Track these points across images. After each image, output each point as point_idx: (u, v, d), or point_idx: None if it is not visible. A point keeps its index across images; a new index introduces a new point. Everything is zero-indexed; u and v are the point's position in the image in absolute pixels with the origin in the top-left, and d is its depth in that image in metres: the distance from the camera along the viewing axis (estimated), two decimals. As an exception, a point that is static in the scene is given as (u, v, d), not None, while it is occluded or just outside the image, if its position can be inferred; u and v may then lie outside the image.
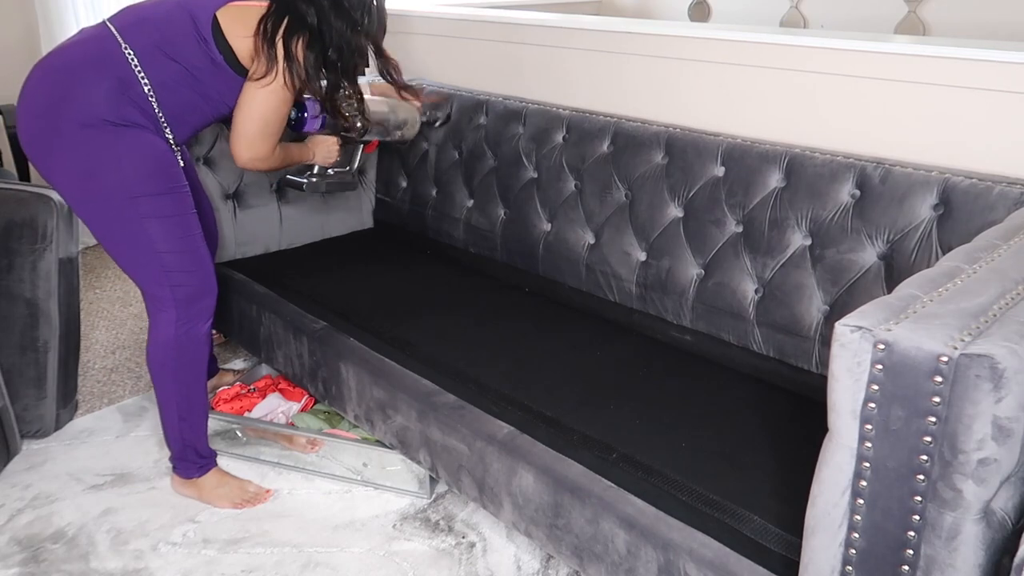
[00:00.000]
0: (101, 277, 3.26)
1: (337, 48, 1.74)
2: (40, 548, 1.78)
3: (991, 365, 0.86)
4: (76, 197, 1.72)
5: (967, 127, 1.62)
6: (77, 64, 1.68)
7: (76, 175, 1.68)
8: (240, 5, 1.72)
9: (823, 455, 1.02)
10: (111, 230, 1.74)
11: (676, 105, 2.06)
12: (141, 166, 1.68)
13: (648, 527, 1.31)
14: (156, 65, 1.69)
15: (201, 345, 1.85)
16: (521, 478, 1.51)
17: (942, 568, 0.95)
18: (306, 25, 1.69)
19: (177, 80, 1.72)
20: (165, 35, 1.71)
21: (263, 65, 1.69)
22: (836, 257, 1.67)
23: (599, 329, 1.92)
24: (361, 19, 1.77)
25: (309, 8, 1.69)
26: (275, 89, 1.71)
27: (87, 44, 1.71)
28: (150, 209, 1.70)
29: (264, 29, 1.69)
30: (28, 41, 3.33)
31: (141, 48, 1.69)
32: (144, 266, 1.76)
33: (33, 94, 1.71)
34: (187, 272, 1.78)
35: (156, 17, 1.73)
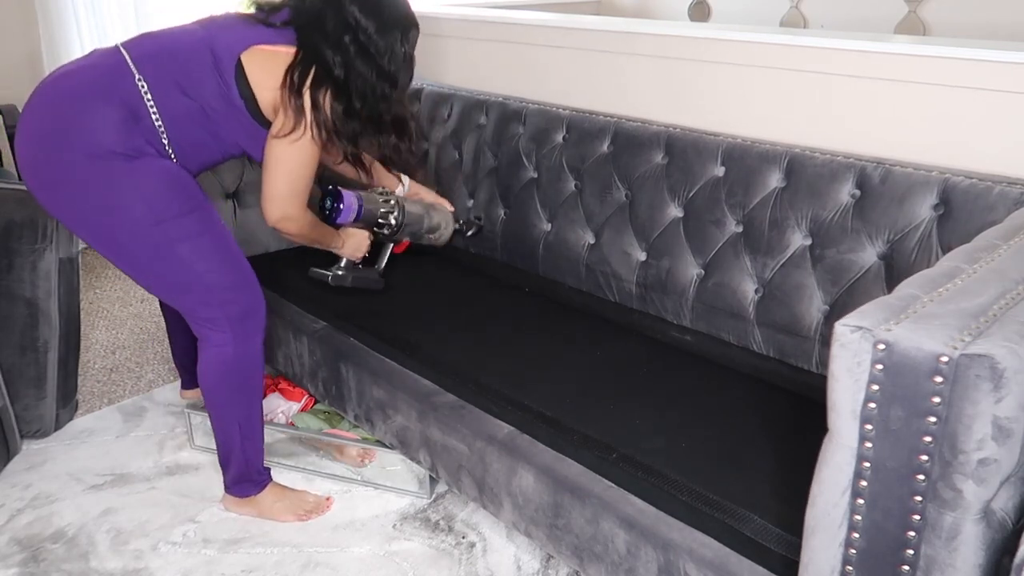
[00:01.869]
0: (101, 277, 3.26)
1: (361, 95, 1.66)
2: (40, 548, 1.78)
3: (991, 365, 0.86)
4: (96, 234, 1.64)
5: (967, 127, 1.62)
6: (86, 92, 1.59)
7: (92, 211, 1.61)
8: (266, 50, 1.64)
9: (823, 455, 1.02)
10: (144, 263, 1.66)
11: (676, 105, 2.06)
12: (159, 191, 1.61)
13: (648, 527, 1.31)
14: (170, 100, 1.62)
15: (259, 359, 1.79)
16: (521, 478, 1.51)
17: (942, 568, 0.95)
18: (332, 76, 1.62)
19: (190, 117, 1.64)
20: (183, 70, 1.63)
21: (291, 119, 1.61)
22: (836, 257, 1.67)
23: (599, 329, 1.92)
24: (388, 65, 1.68)
25: (336, 55, 1.62)
26: (303, 144, 1.64)
27: (98, 71, 1.62)
28: (178, 232, 1.62)
29: (291, 81, 1.61)
30: (28, 42, 3.33)
31: (155, 80, 1.61)
32: (189, 291, 1.69)
33: (36, 119, 1.62)
34: (233, 287, 1.71)
35: (175, 50, 1.65)
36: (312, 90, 1.61)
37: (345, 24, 1.63)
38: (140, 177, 1.59)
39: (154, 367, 2.56)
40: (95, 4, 3.34)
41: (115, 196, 1.58)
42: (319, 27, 1.63)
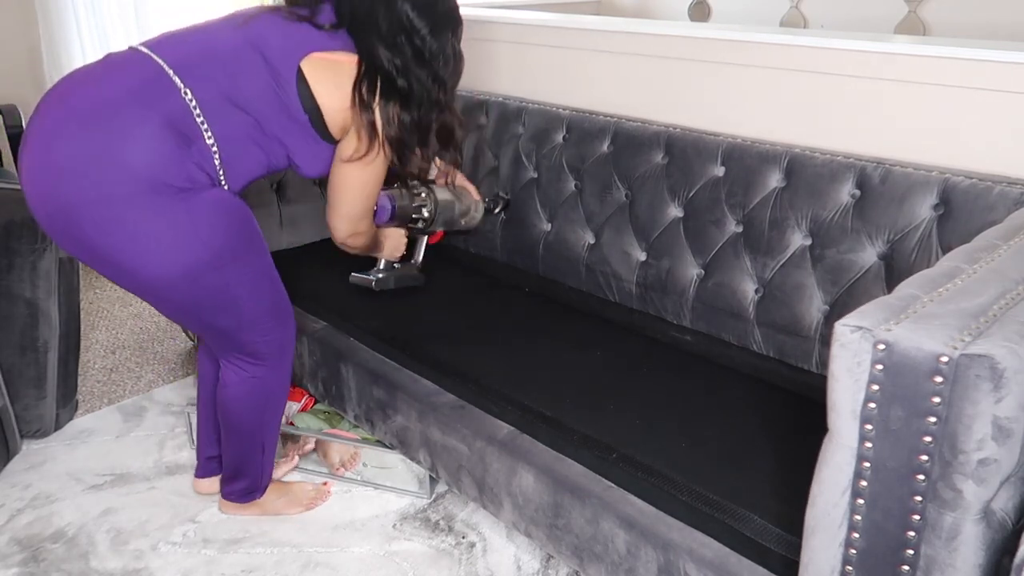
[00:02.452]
0: (101, 277, 3.26)
1: (419, 103, 1.54)
2: (40, 548, 1.78)
3: (991, 365, 0.86)
4: (146, 279, 1.43)
5: (967, 127, 1.62)
6: (124, 109, 1.35)
7: (137, 256, 1.39)
8: (327, 59, 1.48)
9: (823, 455, 1.02)
10: (200, 304, 1.49)
11: (676, 105, 2.05)
12: (219, 230, 1.43)
13: (648, 527, 1.31)
14: (221, 115, 1.42)
15: (288, 382, 1.74)
16: (521, 478, 1.51)
17: (942, 568, 0.95)
18: (397, 87, 1.50)
19: (244, 133, 1.45)
20: (233, 79, 1.43)
21: (365, 141, 1.50)
22: (836, 257, 1.67)
23: (599, 329, 1.92)
24: (441, 69, 1.57)
25: (394, 59, 1.50)
26: (378, 163, 1.55)
27: (133, 82, 1.38)
28: (235, 274, 1.48)
29: (360, 98, 1.48)
30: (28, 42, 3.33)
31: (204, 93, 1.40)
32: (239, 329, 1.56)
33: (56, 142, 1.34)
34: (276, 322, 1.61)
35: (218, 55, 1.45)
36: (381, 104, 1.49)
37: (399, 24, 1.50)
38: (201, 212, 1.40)
39: (154, 367, 2.56)
40: (95, 4, 3.34)
41: (170, 240, 1.38)
42: (374, 29, 1.50)
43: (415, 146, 1.60)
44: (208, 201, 1.42)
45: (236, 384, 1.66)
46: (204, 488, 1.93)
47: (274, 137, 1.49)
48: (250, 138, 1.47)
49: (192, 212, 1.39)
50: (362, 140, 1.51)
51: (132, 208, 1.35)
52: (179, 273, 1.42)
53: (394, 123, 1.51)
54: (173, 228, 1.39)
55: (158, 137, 1.35)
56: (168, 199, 1.36)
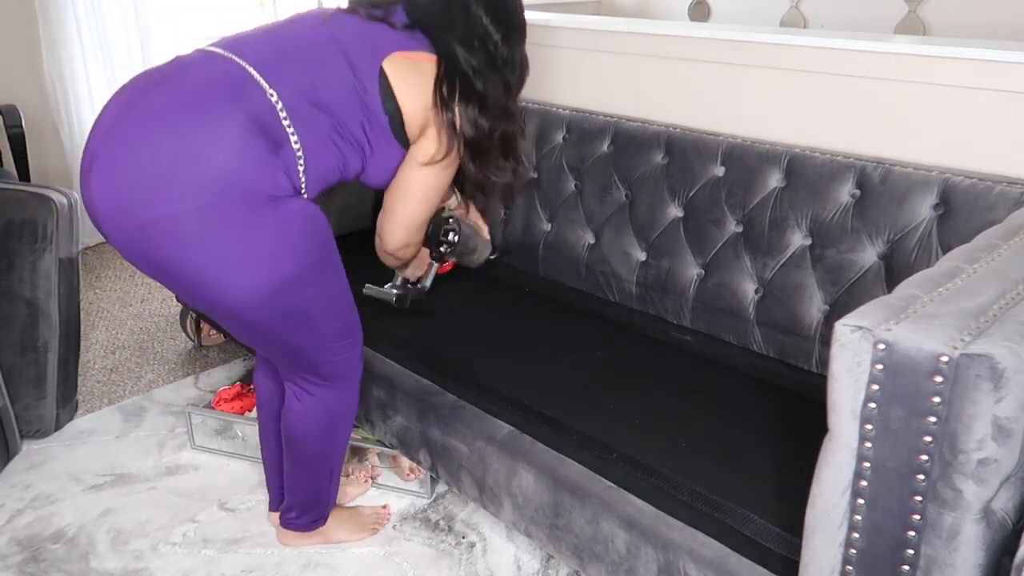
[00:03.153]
0: (101, 277, 3.26)
1: (492, 109, 1.47)
2: (40, 548, 1.78)
3: (991, 365, 0.86)
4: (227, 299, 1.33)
5: (967, 127, 1.62)
6: (210, 110, 1.26)
7: (227, 272, 1.29)
8: (408, 57, 1.42)
9: (823, 455, 1.02)
10: (274, 325, 1.40)
11: (676, 105, 2.06)
12: (304, 245, 1.35)
13: (648, 527, 1.31)
14: (304, 116, 1.33)
15: (357, 404, 1.66)
16: (521, 478, 1.51)
17: (942, 568, 0.95)
18: (474, 88, 1.44)
19: (325, 138, 1.37)
20: (316, 78, 1.36)
21: (445, 142, 1.43)
22: (836, 257, 1.67)
23: (599, 329, 1.92)
24: (511, 77, 1.51)
25: (471, 60, 1.44)
26: (449, 170, 1.48)
27: (215, 82, 1.29)
28: (320, 288, 1.40)
29: (441, 96, 1.41)
30: (28, 42, 3.33)
31: (288, 96, 1.32)
32: (312, 351, 1.48)
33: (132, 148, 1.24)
34: (349, 343, 1.53)
35: (301, 53, 1.37)
36: (461, 105, 1.43)
37: (474, 29, 1.46)
38: (289, 225, 1.32)
39: (154, 367, 2.56)
40: (95, 4, 3.34)
41: (259, 255, 1.29)
42: (451, 30, 1.45)
43: (494, 151, 1.54)
44: (295, 212, 1.33)
45: (304, 407, 1.57)
46: (280, 532, 1.80)
47: (353, 141, 1.42)
48: (331, 141, 1.39)
49: (281, 224, 1.31)
50: (442, 141, 1.45)
51: (222, 219, 1.25)
52: (266, 291, 1.32)
53: (473, 125, 1.45)
54: (263, 242, 1.29)
55: (248, 140, 1.26)
56: (258, 209, 1.27)
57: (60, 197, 2.03)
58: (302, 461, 1.65)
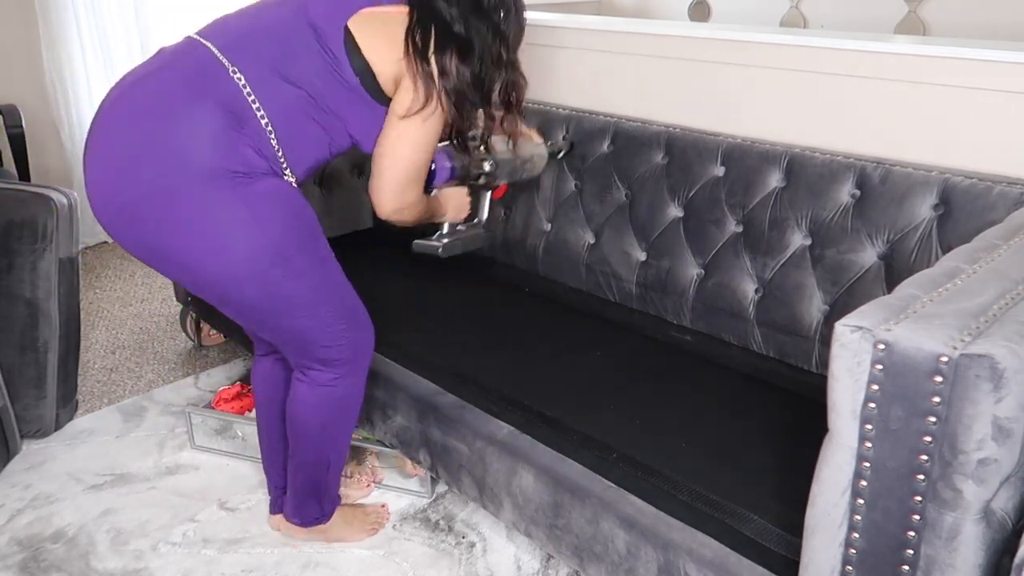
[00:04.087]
0: (101, 277, 3.26)
1: (480, 57, 1.42)
2: (40, 548, 1.78)
3: (991, 365, 0.86)
4: (207, 276, 1.36)
5: (967, 127, 1.62)
6: (174, 97, 1.30)
7: (195, 249, 1.33)
8: (375, 12, 1.39)
9: (823, 455, 1.02)
10: (263, 304, 1.41)
11: (676, 105, 2.06)
12: (280, 219, 1.35)
13: (648, 527, 1.31)
14: (272, 91, 1.34)
15: (362, 393, 1.63)
16: (521, 478, 1.51)
17: (942, 568, 0.95)
18: (454, 34, 1.38)
19: (298, 109, 1.37)
20: (282, 52, 1.36)
21: (421, 93, 1.38)
22: (836, 257, 1.67)
23: (599, 329, 1.92)
24: (502, 21, 1.46)
25: (449, 8, 1.39)
26: (434, 120, 1.42)
27: (182, 69, 1.34)
28: (301, 266, 1.39)
29: (414, 45, 1.37)
30: (28, 42, 3.33)
31: (253, 71, 1.33)
32: (308, 332, 1.46)
33: (113, 138, 1.32)
34: (349, 322, 1.51)
35: (266, 29, 1.39)
36: (438, 54, 1.37)
37: None
38: (258, 202, 1.33)
39: (154, 367, 2.56)
40: (95, 4, 3.34)
41: (230, 227, 1.32)
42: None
43: (477, 104, 1.47)
44: (267, 190, 1.34)
45: (307, 394, 1.56)
46: (282, 525, 1.79)
47: (330, 111, 1.40)
48: (306, 114, 1.38)
49: (250, 200, 1.31)
50: (418, 91, 1.38)
51: (190, 197, 1.29)
52: (241, 266, 1.34)
53: (452, 74, 1.38)
54: (232, 217, 1.31)
55: (210, 120, 1.29)
56: (225, 186, 1.29)
57: (60, 197, 2.03)
58: (302, 450, 1.63)
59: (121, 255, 3.50)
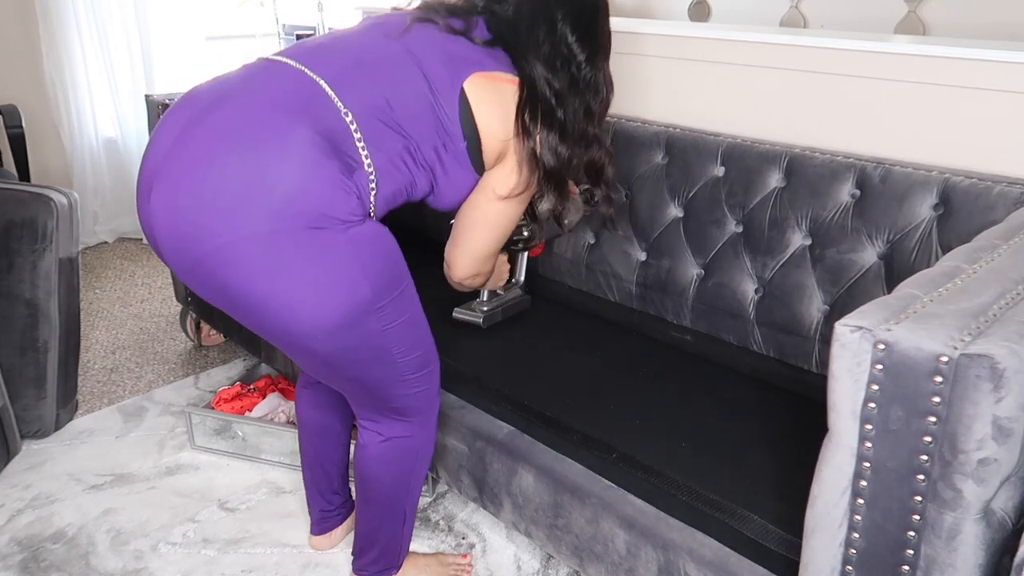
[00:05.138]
0: (101, 277, 3.26)
1: (571, 135, 1.36)
2: (40, 548, 1.78)
3: (991, 365, 0.86)
4: (303, 333, 1.22)
5: (967, 127, 1.62)
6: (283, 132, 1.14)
7: (290, 297, 1.18)
8: (491, 79, 1.30)
9: (823, 455, 1.02)
10: (347, 356, 1.28)
11: (676, 105, 2.06)
12: (378, 267, 1.24)
13: (648, 527, 1.31)
14: (378, 138, 1.23)
15: (434, 439, 1.52)
16: (521, 478, 1.51)
17: (942, 568, 0.95)
18: (555, 115, 1.33)
19: (398, 160, 1.26)
20: (392, 96, 1.24)
21: (524, 175, 1.33)
22: (836, 257, 1.67)
23: (599, 329, 1.92)
24: (592, 100, 1.40)
25: (553, 83, 1.32)
26: (525, 199, 1.37)
27: (287, 102, 1.18)
28: (395, 314, 1.28)
29: (523, 124, 1.30)
30: (28, 42, 3.33)
31: (363, 113, 1.21)
32: (386, 384, 1.35)
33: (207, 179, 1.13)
34: (427, 371, 1.40)
35: (375, 69, 1.26)
36: (543, 133, 1.32)
37: (558, 49, 1.34)
38: (362, 250, 1.21)
39: (154, 367, 2.57)
40: (95, 4, 3.34)
41: (331, 280, 1.19)
42: (535, 50, 1.33)
43: (565, 183, 1.43)
44: (368, 234, 1.22)
45: (379, 445, 1.44)
46: (323, 545, 1.76)
47: (424, 163, 1.30)
48: (402, 162, 1.27)
49: (355, 245, 1.20)
50: (523, 173, 1.33)
51: (292, 245, 1.15)
52: (338, 319, 1.21)
53: (553, 153, 1.34)
54: (334, 267, 1.19)
55: (321, 161, 1.15)
56: (330, 235, 1.17)
57: (60, 197, 2.03)
58: (375, 502, 1.50)
59: (121, 255, 3.51)
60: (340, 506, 1.75)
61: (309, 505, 1.75)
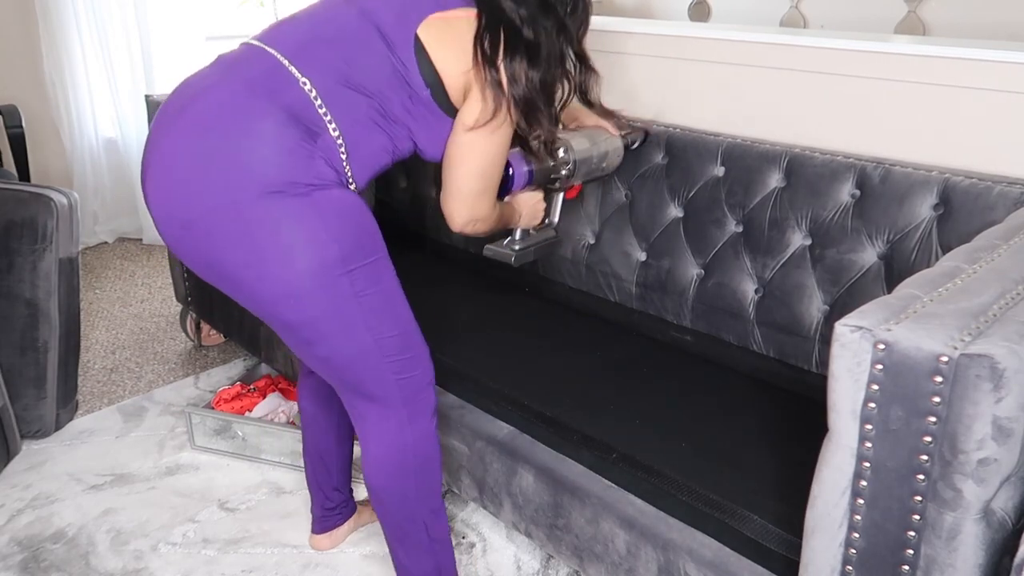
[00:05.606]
0: (101, 277, 3.26)
1: (546, 58, 1.34)
2: (40, 548, 1.78)
3: (991, 365, 0.86)
4: (270, 291, 1.26)
5: (967, 127, 1.62)
6: (244, 107, 1.22)
7: (260, 262, 1.23)
8: (444, 18, 1.31)
9: (823, 455, 1.02)
10: (320, 325, 1.29)
11: (676, 105, 2.05)
12: (345, 232, 1.26)
13: (648, 527, 1.31)
14: (341, 102, 1.27)
15: (436, 442, 1.46)
16: (521, 478, 1.51)
17: (942, 568, 0.95)
18: (523, 37, 1.30)
19: (366, 119, 1.30)
20: (350, 59, 1.28)
21: (490, 103, 1.31)
22: (836, 257, 1.67)
23: (599, 329, 1.92)
24: (567, 16, 1.37)
25: (518, 8, 1.31)
26: (501, 131, 1.35)
27: (249, 79, 1.25)
28: (365, 282, 1.29)
29: (483, 53, 1.29)
30: (28, 42, 3.33)
31: (322, 81, 1.26)
32: (364, 361, 1.34)
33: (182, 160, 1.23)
34: (409, 355, 1.38)
35: (333, 36, 1.30)
36: (506, 60, 1.29)
37: None
38: (324, 213, 1.24)
39: (154, 367, 2.57)
40: (95, 4, 3.34)
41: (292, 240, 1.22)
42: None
43: (544, 108, 1.39)
44: (336, 198, 1.26)
45: (376, 453, 1.42)
46: (324, 544, 1.77)
47: (397, 119, 1.33)
48: (373, 123, 1.31)
49: (319, 207, 1.23)
50: (487, 102, 1.31)
51: (259, 212, 1.20)
52: (306, 277, 1.24)
53: (521, 81, 1.31)
54: (301, 230, 1.22)
55: (282, 132, 1.21)
56: (289, 198, 1.21)
57: (60, 197, 2.03)
58: (393, 521, 1.46)
59: (121, 255, 3.51)
60: (341, 504, 1.75)
61: (313, 504, 1.75)
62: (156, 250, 3.55)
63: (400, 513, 1.46)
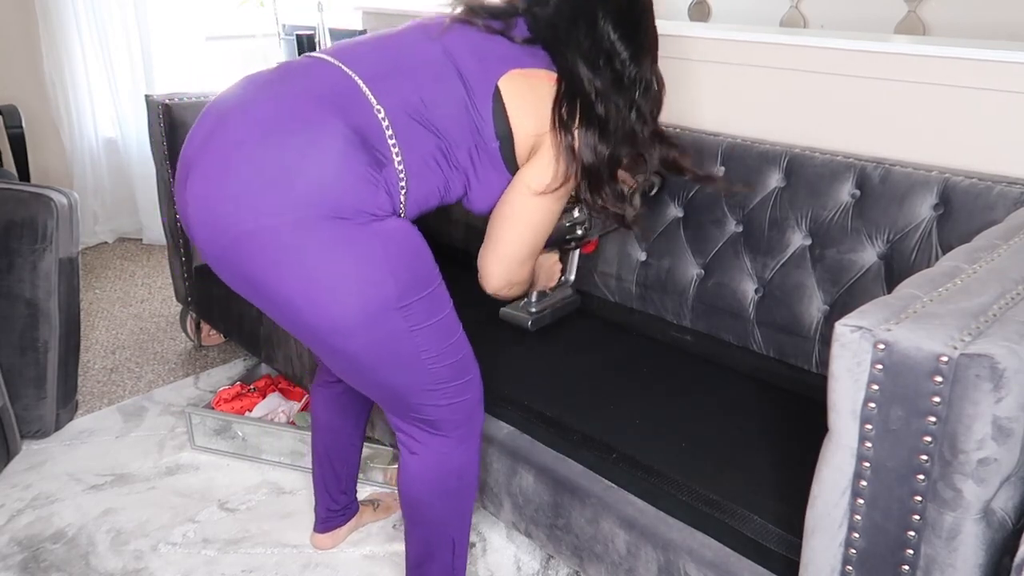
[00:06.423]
0: (101, 277, 3.26)
1: (614, 133, 1.32)
2: (40, 548, 1.78)
3: (991, 365, 0.86)
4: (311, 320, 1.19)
5: (967, 127, 1.62)
6: (311, 122, 1.15)
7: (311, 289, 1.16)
8: (526, 76, 1.28)
9: (823, 455, 1.02)
10: (379, 358, 1.25)
11: (676, 105, 2.05)
12: (404, 264, 1.21)
13: (648, 527, 1.31)
14: (412, 137, 1.22)
15: (478, 462, 1.44)
16: (521, 478, 1.51)
17: (942, 568, 0.95)
18: (596, 112, 1.28)
19: (430, 159, 1.25)
20: (426, 96, 1.24)
21: (562, 169, 1.28)
22: (836, 257, 1.67)
23: (599, 329, 1.92)
24: (640, 99, 1.34)
25: (594, 81, 1.28)
26: (564, 197, 1.33)
27: (320, 91, 1.20)
28: (421, 316, 1.24)
29: (560, 119, 1.27)
30: (28, 42, 3.33)
31: (396, 112, 1.21)
32: (419, 390, 1.30)
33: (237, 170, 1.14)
34: (463, 381, 1.34)
35: (412, 68, 1.26)
36: (581, 129, 1.28)
37: (600, 46, 1.31)
38: (388, 244, 1.19)
39: (154, 367, 2.57)
40: (95, 4, 3.34)
41: (355, 273, 1.17)
42: (575, 46, 1.30)
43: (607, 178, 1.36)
44: (395, 229, 1.20)
45: (420, 471, 1.38)
46: (325, 543, 1.76)
47: (458, 165, 1.29)
48: (435, 162, 1.26)
49: (378, 240, 1.18)
50: (559, 167, 1.29)
51: (317, 235, 1.14)
52: (362, 315, 1.19)
53: (592, 151, 1.30)
54: (356, 259, 1.17)
55: (350, 153, 1.15)
56: (356, 227, 1.16)
57: (60, 197, 2.03)
58: (420, 525, 1.44)
59: (121, 255, 3.51)
60: (346, 506, 1.75)
61: (317, 504, 1.75)
62: (156, 250, 3.55)
63: (434, 526, 1.43)
